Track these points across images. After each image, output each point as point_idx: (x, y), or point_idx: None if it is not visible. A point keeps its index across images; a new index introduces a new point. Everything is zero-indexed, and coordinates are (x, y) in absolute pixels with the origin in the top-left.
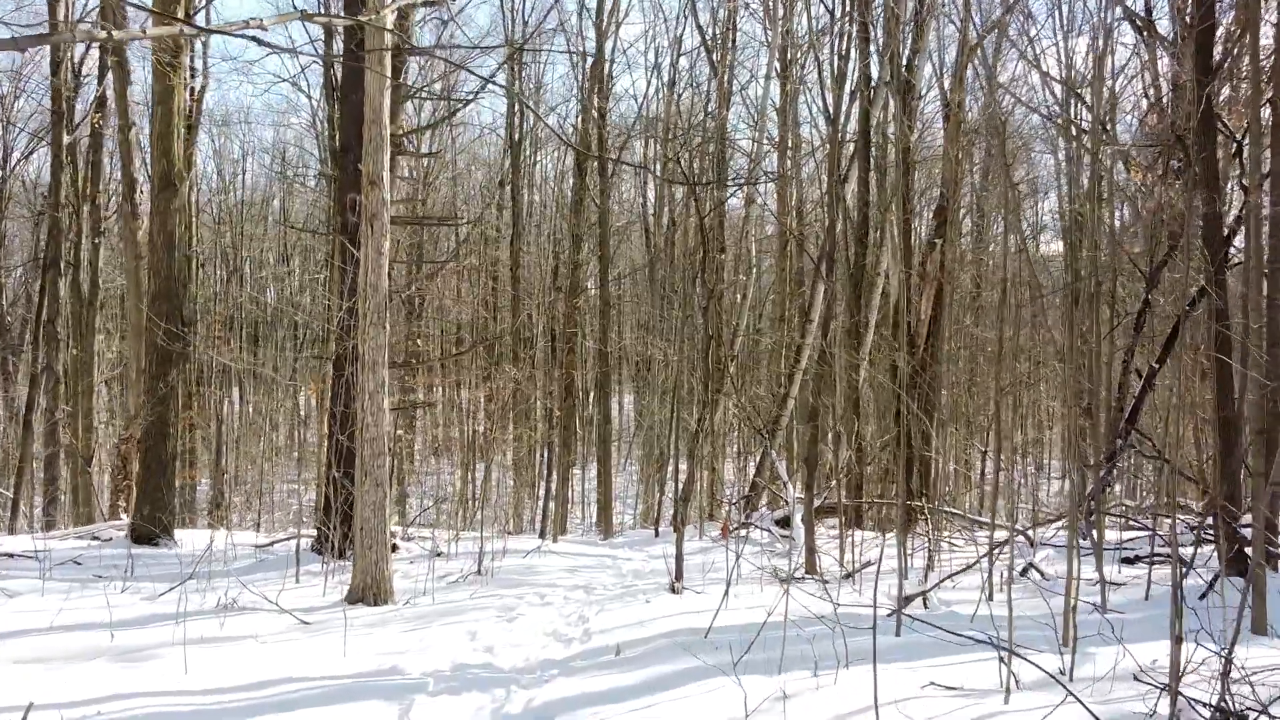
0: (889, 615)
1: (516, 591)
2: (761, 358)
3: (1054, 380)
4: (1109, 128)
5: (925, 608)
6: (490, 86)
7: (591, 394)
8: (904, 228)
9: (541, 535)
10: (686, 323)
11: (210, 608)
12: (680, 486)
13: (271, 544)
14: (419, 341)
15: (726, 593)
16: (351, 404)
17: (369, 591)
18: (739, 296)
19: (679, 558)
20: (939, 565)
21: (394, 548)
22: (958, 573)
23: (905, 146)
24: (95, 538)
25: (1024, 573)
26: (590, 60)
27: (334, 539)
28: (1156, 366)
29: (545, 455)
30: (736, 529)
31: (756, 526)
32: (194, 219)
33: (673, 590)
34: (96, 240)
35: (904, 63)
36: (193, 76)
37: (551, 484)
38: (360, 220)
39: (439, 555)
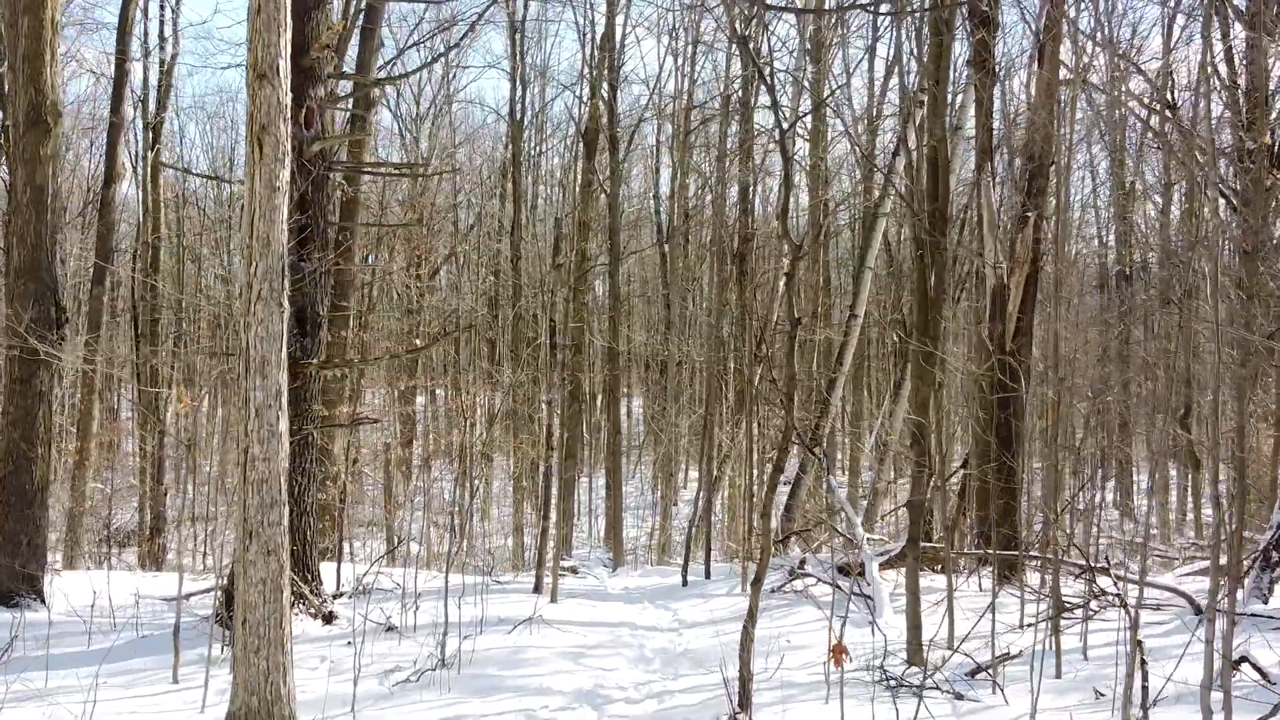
0: None
1: (490, 707)
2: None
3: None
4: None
5: None
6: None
7: (599, 398)
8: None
9: (536, 588)
10: (723, 314)
11: None
12: (702, 512)
13: (188, 597)
14: (416, 340)
15: None
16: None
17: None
18: (771, 287)
19: (745, 677)
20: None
21: (329, 617)
22: None
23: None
24: None
25: (1237, 665)
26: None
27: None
28: None
29: (543, 483)
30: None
31: (818, 579)
32: (164, 207)
33: None
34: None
35: None
36: (161, 46)
37: (549, 522)
38: (247, 138)
39: (391, 630)
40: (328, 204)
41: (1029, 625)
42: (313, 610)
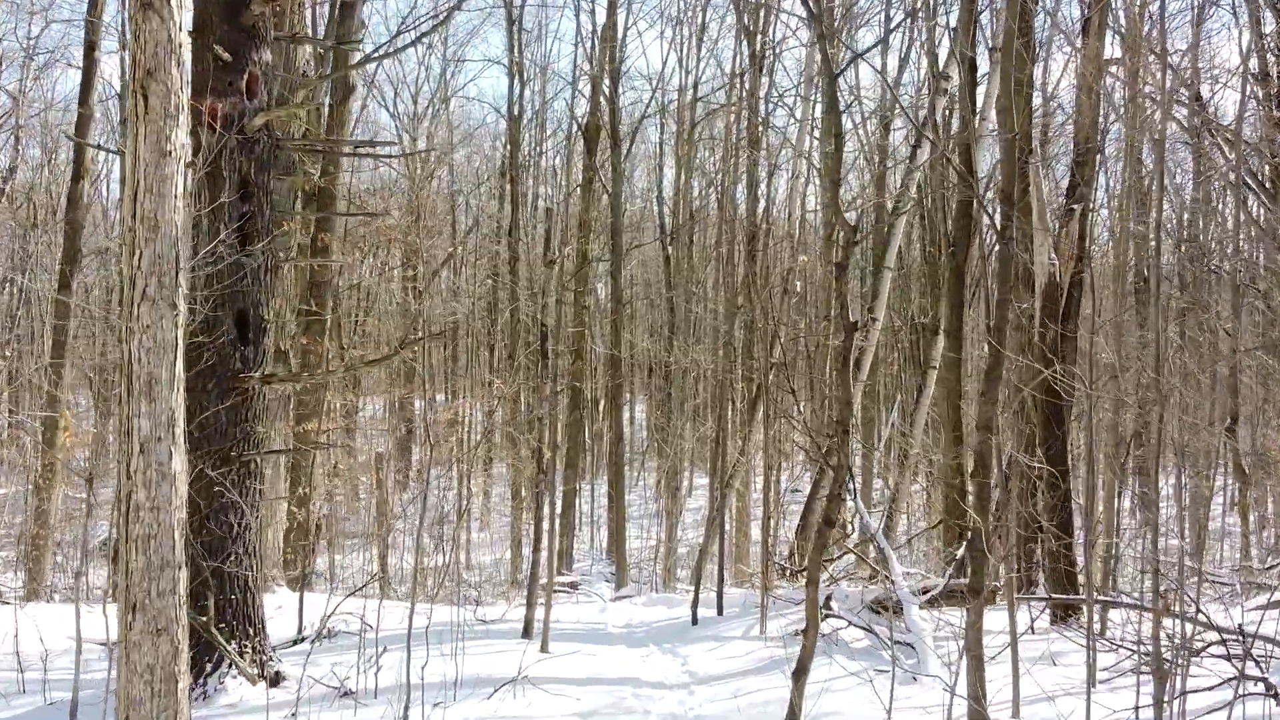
0: None
1: None
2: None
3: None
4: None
5: None
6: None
7: (601, 404)
8: (1023, 177)
9: (526, 632)
10: (733, 317)
11: None
12: (719, 545)
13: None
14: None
15: None
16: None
17: None
18: (784, 290)
19: None
20: None
21: (275, 679)
22: None
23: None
24: None
25: None
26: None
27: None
28: None
29: (535, 507)
30: None
31: (849, 622)
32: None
33: None
34: None
35: None
36: None
37: (541, 555)
38: (130, 87)
39: (347, 695)
40: (272, 186)
41: (1108, 681)
42: (252, 673)
